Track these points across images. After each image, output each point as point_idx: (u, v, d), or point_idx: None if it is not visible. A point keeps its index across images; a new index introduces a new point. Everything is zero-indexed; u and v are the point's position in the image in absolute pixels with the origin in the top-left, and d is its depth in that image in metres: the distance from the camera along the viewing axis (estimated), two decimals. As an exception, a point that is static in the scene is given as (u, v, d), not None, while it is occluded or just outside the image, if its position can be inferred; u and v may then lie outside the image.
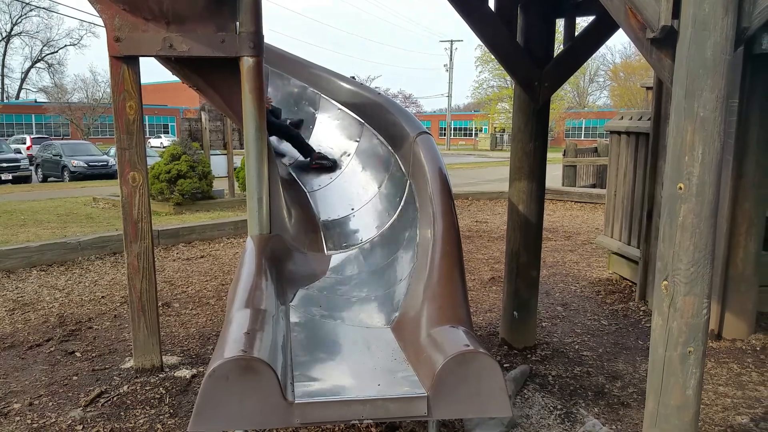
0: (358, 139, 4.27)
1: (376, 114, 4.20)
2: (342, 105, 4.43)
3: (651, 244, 5.25)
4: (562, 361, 4.17)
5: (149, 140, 39.69)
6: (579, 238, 8.61)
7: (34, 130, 45.51)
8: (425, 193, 3.43)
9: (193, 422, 2.21)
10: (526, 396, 3.63)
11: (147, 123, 54.03)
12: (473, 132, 55.64)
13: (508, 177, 4.29)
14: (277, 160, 4.09)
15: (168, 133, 49.51)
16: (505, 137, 48.20)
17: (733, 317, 4.45)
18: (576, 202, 11.81)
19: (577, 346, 4.46)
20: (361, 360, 2.52)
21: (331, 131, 4.50)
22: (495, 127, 49.33)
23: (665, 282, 2.67)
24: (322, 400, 2.24)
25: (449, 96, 52.39)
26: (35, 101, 50.53)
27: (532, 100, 3.98)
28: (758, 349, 4.34)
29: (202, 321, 5.06)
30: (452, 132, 54.10)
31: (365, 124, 4.28)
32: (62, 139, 34.75)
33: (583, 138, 50.21)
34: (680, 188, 2.59)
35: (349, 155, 4.35)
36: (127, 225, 3.88)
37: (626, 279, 5.95)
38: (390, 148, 4.07)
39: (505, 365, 4.08)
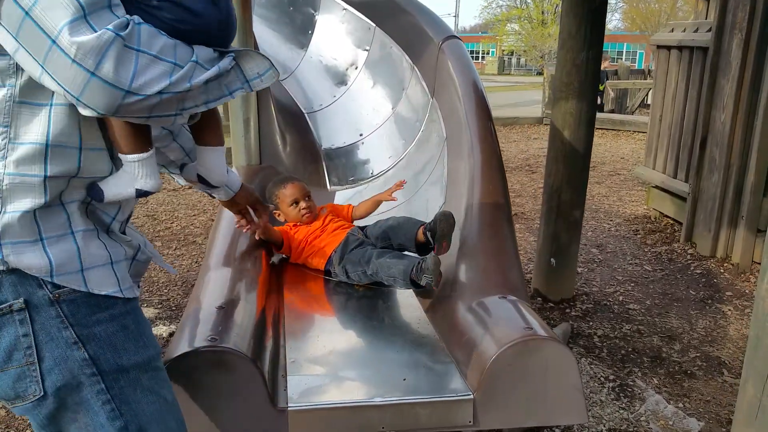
0: (367, 48, 3.48)
1: (391, 15, 3.39)
2: (347, 3, 3.60)
3: (703, 177, 4.53)
4: (607, 317, 3.54)
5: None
6: (604, 169, 7.87)
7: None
8: (456, 114, 2.69)
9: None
10: (570, 363, 3.01)
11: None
12: (480, 55, 53.55)
13: (520, 101, 3.51)
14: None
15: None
16: (513, 61, 46.41)
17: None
18: (597, 128, 10.95)
19: (621, 298, 3.83)
20: (377, 342, 1.86)
21: (334, 38, 3.69)
22: (503, 50, 47.42)
23: (787, 236, 1.98)
24: (324, 405, 1.60)
25: (456, 16, 50.06)
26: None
27: (588, -4, 3.16)
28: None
29: (186, 263, 4.41)
30: (457, 55, 51.76)
31: (377, 27, 3.47)
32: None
33: (597, 62, 48.26)
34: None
35: (356, 68, 3.56)
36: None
37: (668, 217, 5.26)
38: (408, 58, 3.29)
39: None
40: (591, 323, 3.46)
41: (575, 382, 1.63)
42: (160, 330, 3.38)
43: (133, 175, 1.23)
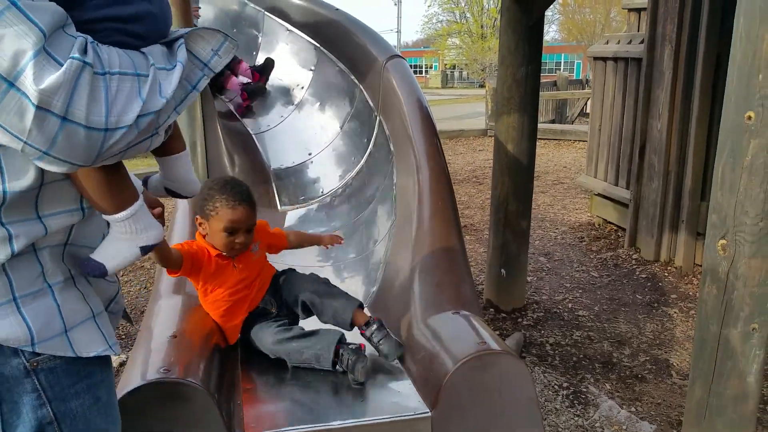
0: (312, 68, 3.48)
1: (335, 36, 3.40)
2: (292, 25, 3.60)
3: (643, 184, 4.70)
4: (558, 324, 3.62)
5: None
6: (548, 178, 8.07)
7: None
8: (402, 131, 2.71)
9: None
10: (524, 372, 3.06)
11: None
12: (423, 69, 54.30)
13: (464, 114, 3.59)
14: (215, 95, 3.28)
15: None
16: (456, 74, 47.21)
17: None
18: (539, 138, 11.21)
19: (570, 305, 3.92)
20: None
21: (279, 58, 3.68)
22: (446, 64, 48.18)
23: (723, 241, 2.06)
24: (282, 430, 1.57)
25: (398, 32, 50.70)
26: None
27: (525, 13, 3.26)
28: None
29: (135, 290, 4.29)
30: (402, 69, 52.38)
31: (322, 48, 3.48)
32: None
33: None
34: (749, 118, 1.95)
35: (302, 88, 3.56)
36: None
37: (611, 223, 5.42)
38: (353, 77, 3.31)
39: (495, 333, 3.50)
40: (543, 331, 3.52)
41: (530, 394, 1.66)
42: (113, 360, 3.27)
43: (130, 234, 1.05)
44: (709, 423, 2.18)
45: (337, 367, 1.77)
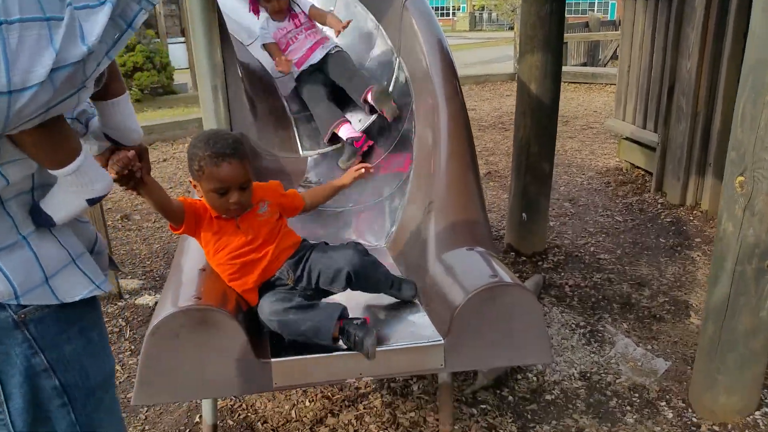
0: (332, 8, 3.45)
1: (354, -26, 3.37)
2: (311, -34, 3.56)
3: (671, 126, 4.62)
4: (578, 267, 3.65)
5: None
6: (577, 123, 7.95)
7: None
8: (421, 71, 2.71)
9: (137, 395, 1.63)
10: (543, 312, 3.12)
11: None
12: (451, 11, 52.83)
13: (493, 57, 3.54)
14: (234, 38, 3.29)
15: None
16: (485, 16, 45.90)
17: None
18: (569, 82, 11.01)
19: (592, 248, 3.94)
20: (354, 297, 1.92)
21: None
22: (474, 6, 46.83)
23: (741, 178, 2.05)
24: (305, 356, 1.66)
25: (426, -26, 49.24)
26: None
27: (550, -51, 3.17)
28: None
29: (166, 235, 4.43)
30: (429, 14, 51.01)
31: (341, -11, 3.45)
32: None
33: (571, 14, 48.11)
34: (773, 52, 1.92)
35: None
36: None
37: (639, 168, 5.36)
38: (373, 16, 3.28)
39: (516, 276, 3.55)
40: (562, 274, 3.56)
41: (539, 325, 1.72)
42: (146, 300, 3.43)
43: (76, 187, 1.00)
44: (721, 358, 2.22)
45: (340, 342, 1.67)
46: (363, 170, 2.03)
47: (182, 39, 11.78)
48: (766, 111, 1.94)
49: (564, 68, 11.86)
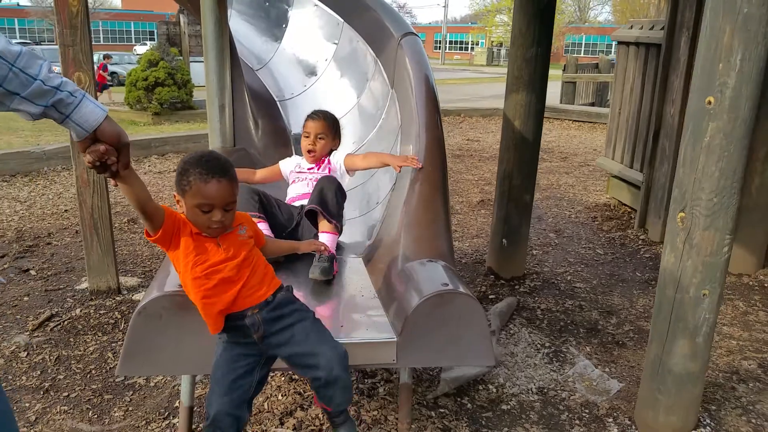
0: (336, 42, 3.75)
1: (357, 11, 3.66)
2: (319, 0, 3.87)
3: (655, 168, 4.85)
4: (553, 294, 3.86)
5: (135, 47, 38.00)
6: (576, 160, 8.19)
7: (17, 35, 43.64)
8: (409, 104, 2.97)
9: (121, 366, 1.88)
10: (512, 331, 3.33)
11: (132, 29, 51.81)
12: (469, 46, 53.66)
13: (502, 95, 3.81)
14: (243, 61, 3.58)
15: (153, 40, 47.48)
16: (503, 52, 46.60)
17: (742, 250, 4.11)
18: (574, 120, 11.30)
19: (569, 277, 4.15)
20: (324, 295, 2.15)
21: (306, 32, 3.96)
22: (492, 41, 47.61)
23: (682, 214, 2.28)
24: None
25: (446, 6, 50.24)
26: (17, 4, 47.99)
27: (537, -3, 3.45)
28: (766, 285, 4.03)
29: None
30: (448, 45, 52.02)
31: (345, 23, 3.74)
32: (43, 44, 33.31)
33: (583, 54, 48.70)
34: (709, 102, 2.15)
35: (326, 60, 3.83)
36: (72, 133, 3.42)
37: (625, 205, 5.58)
38: (372, 52, 3.57)
39: (490, 296, 3.76)
40: (537, 298, 3.77)
41: (483, 331, 1.94)
42: (142, 296, 3.67)
43: None
44: (662, 378, 2.42)
45: None
46: (316, 245, 2.23)
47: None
48: (703, 154, 2.17)
49: (570, 107, 12.19)
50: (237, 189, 1.74)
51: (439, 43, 51.38)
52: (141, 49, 42.38)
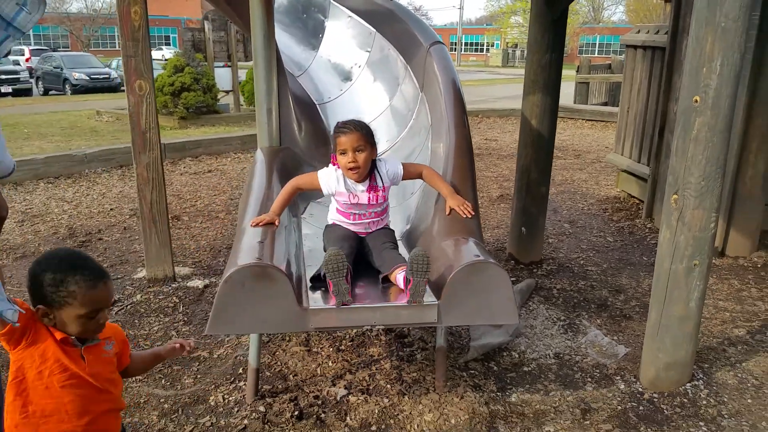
0: (369, 50, 4.16)
1: (388, 22, 4.08)
2: (352, 12, 4.29)
3: (661, 161, 5.22)
4: (567, 276, 4.25)
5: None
6: (588, 157, 8.56)
7: (32, 41, 44.56)
8: (438, 105, 3.38)
9: (210, 325, 2.27)
10: (531, 308, 3.72)
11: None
12: (485, 47, 54.02)
13: (522, 93, 4.21)
14: (286, 69, 4.01)
15: (169, 45, 48.19)
16: (518, 53, 46.87)
17: (738, 235, 4.48)
18: (587, 120, 11.65)
19: (582, 262, 4.53)
20: (372, 270, 2.56)
21: (341, 41, 4.38)
22: (507, 42, 47.90)
23: (675, 196, 2.67)
24: (333, 307, 2.30)
25: (461, 8, 50.74)
26: (33, 11, 48.82)
27: (550, 9, 3.85)
28: (759, 266, 4.40)
29: (212, 234, 5.14)
30: (463, 47, 52.34)
31: (377, 33, 4.16)
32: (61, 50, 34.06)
33: (597, 54, 48.83)
34: (696, 101, 2.54)
35: (360, 66, 4.25)
36: (135, 135, 3.87)
37: (634, 197, 5.95)
38: (402, 59, 3.98)
39: (511, 279, 4.15)
40: (553, 280, 4.16)
41: (509, 294, 2.33)
42: (195, 283, 4.10)
43: None
44: (661, 339, 2.81)
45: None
46: (179, 346, 1.90)
47: (228, 63, 12.65)
48: (692, 145, 2.56)
49: (583, 107, 12.54)
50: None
51: (455, 44, 51.77)
52: (155, 54, 43.15)
